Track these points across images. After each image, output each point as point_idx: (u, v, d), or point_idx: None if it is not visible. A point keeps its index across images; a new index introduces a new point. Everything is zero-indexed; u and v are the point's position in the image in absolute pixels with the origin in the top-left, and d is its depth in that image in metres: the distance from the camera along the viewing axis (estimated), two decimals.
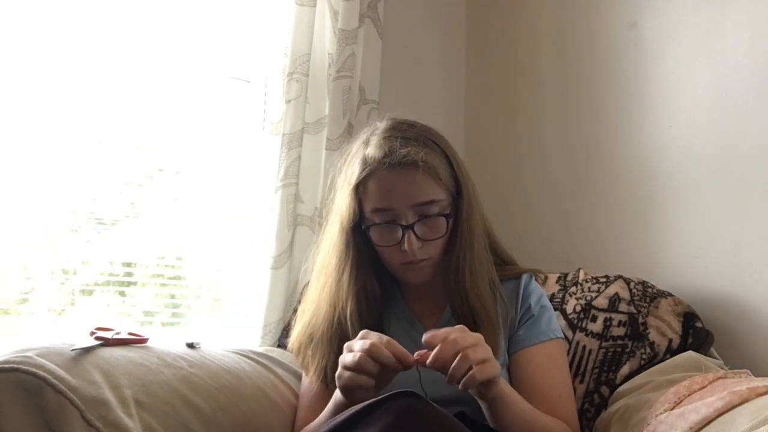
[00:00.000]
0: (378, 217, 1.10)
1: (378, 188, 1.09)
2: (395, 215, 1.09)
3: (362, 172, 1.10)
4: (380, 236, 1.11)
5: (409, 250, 1.09)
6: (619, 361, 1.30)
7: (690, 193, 1.50)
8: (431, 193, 1.09)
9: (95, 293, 1.58)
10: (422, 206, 1.09)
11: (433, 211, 1.10)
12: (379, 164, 1.09)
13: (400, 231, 1.09)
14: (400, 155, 1.07)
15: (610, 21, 1.70)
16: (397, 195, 1.08)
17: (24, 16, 1.44)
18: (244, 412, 1.17)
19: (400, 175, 1.08)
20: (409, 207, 1.09)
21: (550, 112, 1.85)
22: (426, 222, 1.10)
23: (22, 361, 0.94)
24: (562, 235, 1.77)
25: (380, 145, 1.10)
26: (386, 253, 1.13)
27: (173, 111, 1.65)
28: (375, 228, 1.11)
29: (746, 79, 1.41)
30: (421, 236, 1.09)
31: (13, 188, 1.44)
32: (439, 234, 1.11)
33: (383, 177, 1.09)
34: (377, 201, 1.10)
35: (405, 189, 1.08)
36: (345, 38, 1.70)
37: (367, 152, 1.11)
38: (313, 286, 1.21)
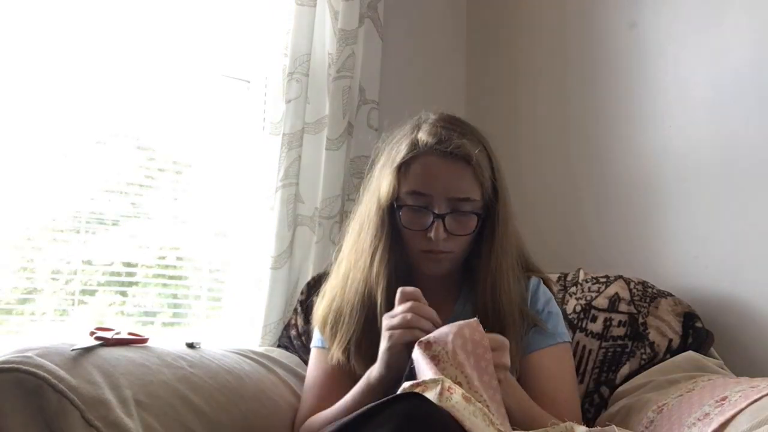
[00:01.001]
0: (412, 199, 1.12)
1: (422, 172, 1.11)
2: (429, 202, 1.11)
3: (409, 153, 1.11)
4: (410, 219, 1.12)
5: (435, 238, 1.10)
6: (619, 361, 1.31)
7: (690, 193, 1.50)
8: (470, 190, 1.11)
9: (96, 293, 1.58)
10: (458, 201, 1.11)
11: (467, 208, 1.11)
12: (429, 149, 1.10)
13: (431, 218, 1.10)
14: (455, 145, 1.10)
15: (610, 21, 1.71)
16: (439, 182, 1.10)
17: (24, 17, 1.44)
18: (244, 412, 1.17)
19: (449, 163, 1.10)
20: (445, 197, 1.10)
21: (551, 112, 1.85)
22: (457, 216, 1.11)
23: (23, 361, 0.94)
24: (562, 235, 1.77)
25: (434, 132, 1.12)
26: (411, 237, 1.14)
27: (174, 111, 1.66)
28: (407, 210, 1.12)
29: (746, 79, 1.41)
30: (449, 229, 1.11)
31: (14, 188, 1.44)
32: (467, 231, 1.13)
33: (431, 162, 1.10)
34: (417, 184, 1.11)
35: (449, 179, 1.10)
36: (345, 38, 1.70)
37: (419, 136, 1.13)
38: (344, 261, 1.20)
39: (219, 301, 1.72)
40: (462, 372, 0.90)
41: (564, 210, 1.78)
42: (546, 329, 1.17)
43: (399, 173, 1.12)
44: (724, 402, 1.00)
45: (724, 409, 0.98)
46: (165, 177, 1.67)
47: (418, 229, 1.12)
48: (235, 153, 1.72)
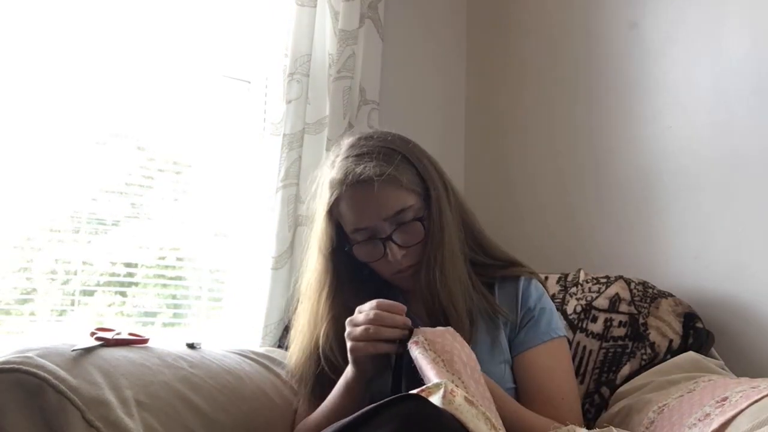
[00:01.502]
0: (359, 235, 1.13)
1: (348, 209, 1.12)
2: (373, 231, 1.12)
3: (331, 196, 1.13)
4: (365, 253, 1.14)
5: (393, 260, 1.12)
6: (619, 362, 1.30)
7: (690, 193, 1.50)
8: (398, 202, 1.11)
9: (96, 294, 1.58)
10: (395, 216, 1.11)
11: (408, 218, 1.11)
12: (341, 186, 1.11)
13: (381, 245, 1.12)
14: (356, 175, 1.09)
15: (610, 21, 1.71)
16: (367, 212, 1.11)
17: (24, 17, 1.44)
18: (245, 412, 1.17)
19: (362, 192, 1.10)
20: (383, 220, 1.11)
21: (551, 112, 1.85)
22: (403, 229, 1.11)
23: (23, 362, 0.94)
24: (563, 235, 1.77)
25: (340, 167, 1.13)
26: (376, 267, 1.16)
27: (174, 112, 1.65)
28: (357, 247, 1.14)
29: (746, 80, 1.41)
30: (402, 244, 1.11)
31: (14, 189, 1.44)
32: (418, 238, 1.13)
33: (349, 198, 1.11)
34: (353, 222, 1.12)
35: (371, 205, 1.10)
36: (345, 39, 1.70)
37: (332, 176, 1.14)
38: (299, 310, 1.23)
39: (219, 302, 1.72)
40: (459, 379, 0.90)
41: (564, 210, 1.78)
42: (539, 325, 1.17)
43: (332, 217, 1.14)
44: (724, 402, 1.00)
45: (724, 410, 0.98)
46: (165, 177, 1.67)
47: (376, 259, 1.13)
48: (235, 153, 1.72)
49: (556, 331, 1.18)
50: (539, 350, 1.15)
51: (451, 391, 0.83)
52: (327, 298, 1.16)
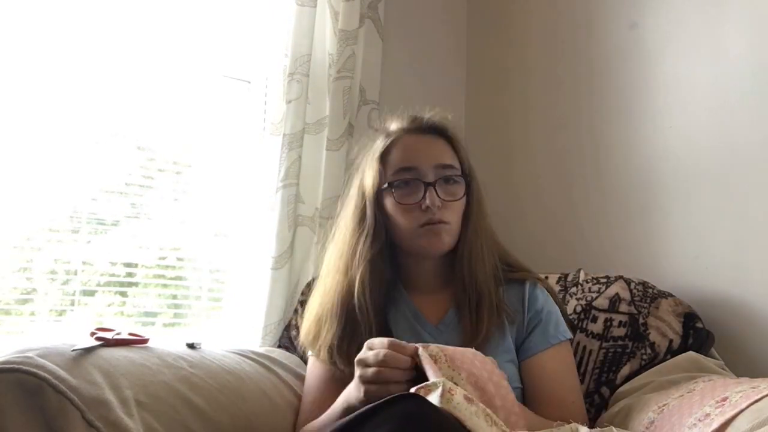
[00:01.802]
0: (403, 174, 1.16)
1: (404, 149, 1.17)
2: (417, 174, 1.15)
3: (386, 141, 1.19)
4: (402, 194, 1.15)
5: (431, 203, 1.13)
6: (619, 362, 1.30)
7: (690, 193, 1.50)
8: (452, 159, 1.18)
9: (96, 294, 1.58)
10: (443, 168, 1.16)
11: (451, 174, 1.17)
12: (404, 131, 1.19)
13: (422, 188, 1.14)
14: (428, 120, 1.20)
15: (610, 21, 1.71)
16: (422, 153, 1.16)
17: (24, 17, 1.44)
18: (245, 412, 1.17)
19: (427, 137, 1.19)
20: (431, 167, 1.15)
21: (551, 112, 1.85)
22: (446, 184, 1.16)
23: (23, 362, 0.94)
24: (563, 235, 1.77)
25: (404, 118, 1.21)
26: (407, 214, 1.15)
27: (174, 112, 1.65)
28: (398, 186, 1.15)
29: (746, 79, 1.41)
30: (442, 196, 1.14)
31: (13, 189, 1.44)
32: (457, 196, 1.17)
33: (410, 140, 1.18)
34: (402, 161, 1.16)
35: (430, 149, 1.17)
36: (345, 39, 1.70)
37: (391, 127, 1.21)
38: (323, 277, 1.22)
39: (219, 302, 1.72)
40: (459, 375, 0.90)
41: (564, 210, 1.78)
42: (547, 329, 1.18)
43: (381, 162, 1.17)
44: (724, 402, 1.00)
45: (724, 410, 0.97)
46: (165, 177, 1.67)
47: (412, 202, 1.14)
48: (235, 153, 1.72)
49: (564, 334, 1.20)
50: (548, 354, 1.17)
51: (450, 390, 0.84)
52: (366, 239, 1.17)
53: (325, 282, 1.20)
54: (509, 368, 1.15)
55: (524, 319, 1.19)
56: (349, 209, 1.21)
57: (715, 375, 1.20)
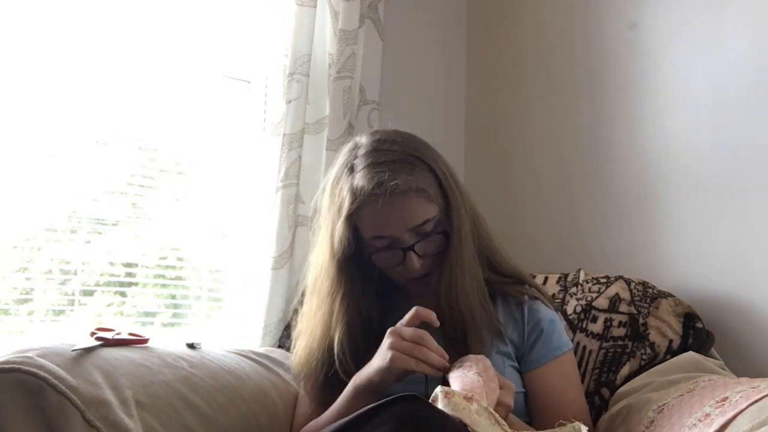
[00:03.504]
0: (378, 242, 1.13)
1: (373, 219, 1.10)
2: (394, 240, 1.11)
3: (353, 203, 1.10)
4: (383, 260, 1.14)
5: (411, 269, 1.12)
6: (619, 362, 1.30)
7: (690, 193, 1.50)
8: (424, 214, 1.11)
9: (96, 294, 1.58)
10: (418, 227, 1.11)
11: (429, 228, 1.11)
12: (369, 195, 1.08)
13: (401, 254, 1.12)
14: (392, 188, 1.07)
15: (610, 22, 1.71)
16: (392, 223, 1.10)
17: (25, 17, 1.44)
18: (245, 412, 1.17)
19: (393, 204, 1.08)
20: (405, 231, 1.10)
21: (551, 113, 1.85)
22: (425, 240, 1.12)
23: (23, 362, 0.94)
24: (563, 235, 1.77)
25: (368, 176, 1.09)
26: (391, 273, 1.16)
27: (174, 112, 1.65)
28: (377, 254, 1.14)
29: (746, 80, 1.41)
30: (422, 254, 1.12)
31: (13, 188, 1.44)
32: (439, 248, 1.14)
33: (376, 209, 1.08)
34: (374, 230, 1.11)
35: (399, 217, 1.10)
36: (345, 39, 1.70)
37: (356, 183, 1.10)
38: (306, 305, 1.22)
39: (219, 302, 1.72)
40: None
41: (564, 210, 1.78)
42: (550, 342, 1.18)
43: (351, 222, 1.12)
44: (724, 402, 1.00)
45: (724, 410, 0.97)
46: (166, 177, 1.67)
47: (394, 266, 1.14)
48: (235, 153, 1.72)
49: (566, 344, 1.19)
50: (552, 366, 1.17)
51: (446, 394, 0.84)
52: (341, 302, 1.15)
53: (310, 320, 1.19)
54: (511, 372, 1.16)
55: (524, 330, 1.18)
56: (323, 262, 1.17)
57: (715, 375, 1.20)
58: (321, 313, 1.17)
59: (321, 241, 1.19)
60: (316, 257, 1.20)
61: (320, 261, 1.19)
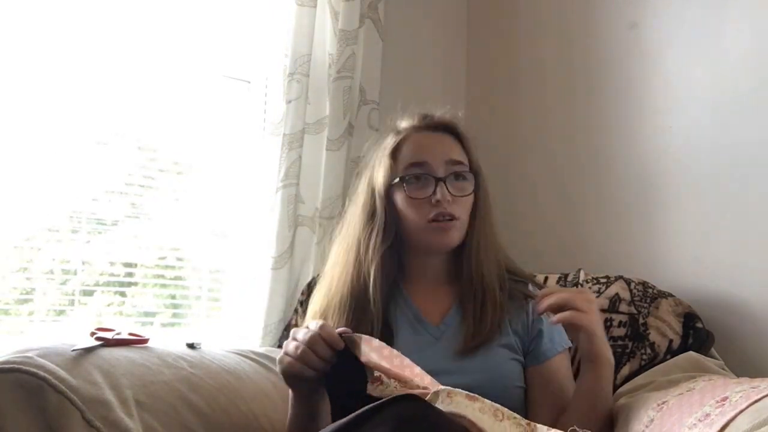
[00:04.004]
0: (413, 170, 1.18)
1: (415, 146, 1.20)
2: (428, 169, 1.17)
3: (397, 138, 1.21)
4: (413, 189, 1.17)
5: (442, 198, 1.15)
6: (619, 362, 1.30)
7: (690, 193, 1.50)
8: (461, 156, 1.21)
9: (96, 294, 1.58)
10: (454, 164, 1.18)
11: (462, 170, 1.19)
12: (415, 128, 1.22)
13: (433, 182, 1.16)
14: (438, 118, 1.23)
15: (610, 22, 1.71)
16: (431, 150, 1.18)
17: (25, 17, 1.44)
18: (245, 412, 1.17)
19: (436, 133, 1.21)
20: (441, 162, 1.18)
21: (551, 113, 1.85)
22: (456, 180, 1.18)
23: (23, 362, 0.94)
24: (563, 235, 1.77)
25: (414, 117, 1.24)
26: (418, 209, 1.17)
27: (174, 112, 1.65)
28: (409, 180, 1.17)
29: (746, 80, 1.41)
30: (452, 191, 1.16)
31: (13, 188, 1.44)
32: (467, 191, 1.19)
33: (420, 136, 1.21)
34: (413, 156, 1.18)
35: (440, 145, 1.20)
36: (345, 39, 1.70)
37: (401, 124, 1.24)
38: (328, 272, 1.23)
39: (219, 302, 1.72)
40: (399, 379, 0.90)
41: (564, 210, 1.78)
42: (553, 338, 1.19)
43: (392, 158, 1.19)
44: (724, 402, 1.00)
45: (724, 410, 0.97)
46: (165, 177, 1.67)
47: (423, 196, 1.16)
48: (235, 153, 1.72)
49: (568, 341, 1.20)
50: (556, 361, 1.18)
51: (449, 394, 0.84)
52: (377, 234, 1.18)
53: (332, 275, 1.21)
54: (513, 366, 1.16)
55: (528, 324, 1.20)
56: (359, 205, 1.23)
57: (715, 375, 1.20)
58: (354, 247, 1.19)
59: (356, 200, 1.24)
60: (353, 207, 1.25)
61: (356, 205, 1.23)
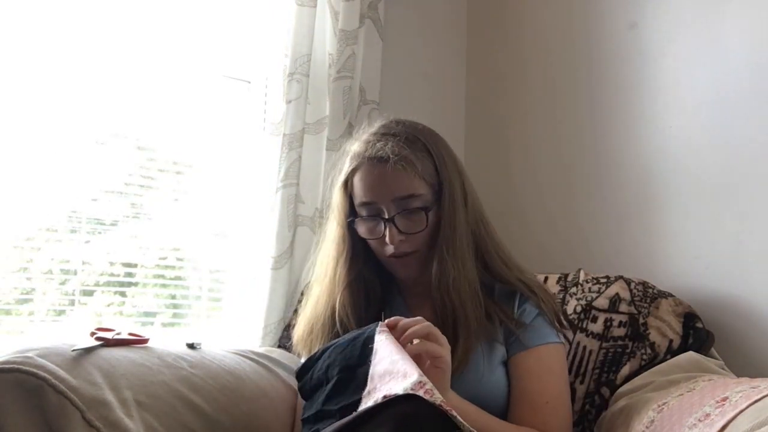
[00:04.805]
0: (364, 210, 1.15)
1: (361, 182, 1.14)
2: (378, 209, 1.13)
3: (348, 167, 1.16)
4: (365, 229, 1.16)
5: (390, 242, 1.12)
6: (619, 362, 1.30)
7: (690, 193, 1.50)
8: (410, 187, 1.12)
9: (96, 294, 1.58)
10: (403, 200, 1.12)
11: (415, 205, 1.12)
12: (360, 159, 1.14)
13: (382, 224, 1.13)
14: (376, 149, 1.12)
15: (610, 22, 1.71)
16: (377, 188, 1.13)
17: (25, 17, 1.44)
18: (245, 412, 1.17)
19: (377, 168, 1.12)
20: (389, 200, 1.12)
21: (551, 112, 1.85)
22: (407, 215, 1.12)
23: (23, 362, 0.94)
24: (563, 235, 1.77)
25: (363, 141, 1.16)
26: (375, 247, 1.17)
27: (174, 111, 1.65)
28: (360, 221, 1.16)
29: (746, 80, 1.41)
30: (402, 229, 1.12)
31: (13, 188, 1.44)
32: (419, 228, 1.13)
33: (365, 171, 1.14)
34: (362, 195, 1.14)
35: (381, 182, 1.12)
36: (345, 39, 1.70)
37: (354, 149, 1.17)
38: (314, 279, 1.25)
39: (219, 302, 1.72)
40: None
41: (564, 210, 1.78)
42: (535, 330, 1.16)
43: (345, 190, 1.17)
44: (724, 402, 1.00)
45: (724, 410, 0.97)
46: (165, 177, 1.67)
47: (374, 237, 1.15)
48: (235, 153, 1.72)
49: (549, 336, 1.16)
50: (529, 354, 1.14)
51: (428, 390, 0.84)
52: (344, 265, 1.18)
53: (316, 291, 1.23)
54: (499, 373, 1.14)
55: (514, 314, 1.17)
56: (330, 232, 1.22)
57: (715, 375, 1.20)
58: (326, 278, 1.20)
59: (330, 214, 1.23)
60: (326, 231, 1.24)
61: (328, 232, 1.23)
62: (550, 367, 1.15)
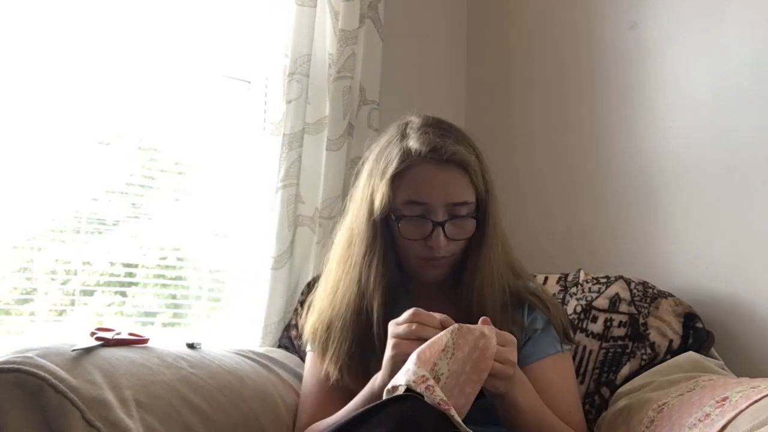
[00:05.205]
0: (409, 209, 1.10)
1: (418, 181, 1.09)
2: (427, 210, 1.10)
3: (402, 162, 1.09)
4: (409, 229, 1.11)
5: (435, 246, 1.10)
6: (619, 362, 1.31)
7: (690, 193, 1.50)
8: (467, 194, 1.11)
9: (96, 294, 1.58)
10: (455, 206, 1.10)
11: (463, 212, 1.11)
12: (423, 158, 1.09)
13: (430, 226, 1.09)
14: (450, 152, 1.08)
15: (610, 21, 1.71)
16: (436, 191, 1.09)
17: (25, 17, 1.44)
18: (245, 412, 1.17)
19: (445, 172, 1.09)
20: (443, 204, 1.09)
21: (551, 112, 1.85)
22: (456, 222, 1.10)
23: (23, 362, 0.94)
24: (563, 235, 1.77)
25: (426, 140, 1.10)
26: (410, 246, 1.12)
27: (174, 112, 1.65)
28: (405, 220, 1.11)
29: (746, 80, 1.41)
30: (449, 235, 1.10)
31: (14, 188, 1.44)
32: (466, 235, 1.12)
33: (426, 171, 1.09)
34: (414, 194, 1.10)
35: (446, 186, 1.09)
36: (345, 39, 1.70)
37: (409, 144, 1.11)
38: (333, 273, 1.19)
39: (219, 302, 1.72)
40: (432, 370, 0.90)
41: (564, 210, 1.78)
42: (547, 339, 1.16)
43: (393, 184, 1.10)
44: (724, 402, 1.00)
45: (724, 410, 0.98)
46: (166, 177, 1.67)
47: (418, 238, 1.11)
48: (235, 153, 1.72)
49: (561, 346, 1.17)
50: (546, 363, 1.15)
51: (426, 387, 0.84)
52: (377, 265, 1.13)
53: (336, 284, 1.17)
54: None
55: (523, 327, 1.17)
56: (357, 223, 1.16)
57: (715, 375, 1.20)
58: (355, 276, 1.15)
59: (356, 206, 1.17)
60: (351, 222, 1.18)
61: (354, 225, 1.16)
62: (567, 375, 1.17)
